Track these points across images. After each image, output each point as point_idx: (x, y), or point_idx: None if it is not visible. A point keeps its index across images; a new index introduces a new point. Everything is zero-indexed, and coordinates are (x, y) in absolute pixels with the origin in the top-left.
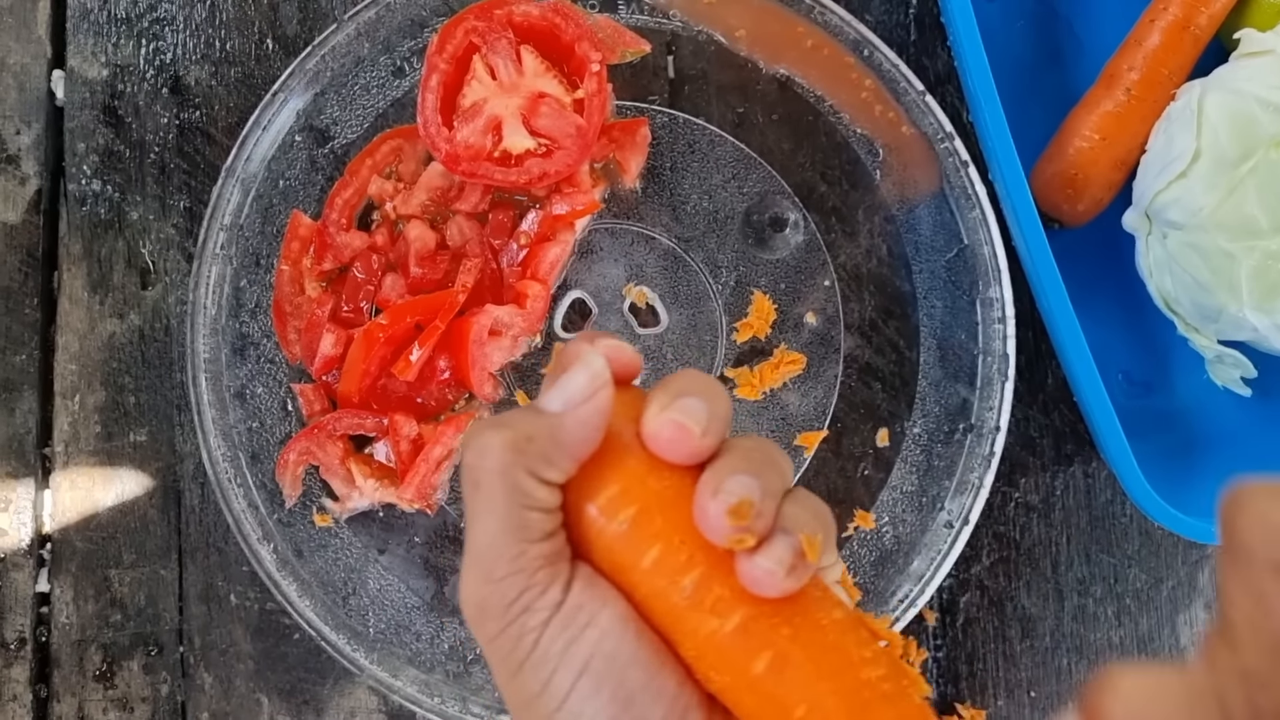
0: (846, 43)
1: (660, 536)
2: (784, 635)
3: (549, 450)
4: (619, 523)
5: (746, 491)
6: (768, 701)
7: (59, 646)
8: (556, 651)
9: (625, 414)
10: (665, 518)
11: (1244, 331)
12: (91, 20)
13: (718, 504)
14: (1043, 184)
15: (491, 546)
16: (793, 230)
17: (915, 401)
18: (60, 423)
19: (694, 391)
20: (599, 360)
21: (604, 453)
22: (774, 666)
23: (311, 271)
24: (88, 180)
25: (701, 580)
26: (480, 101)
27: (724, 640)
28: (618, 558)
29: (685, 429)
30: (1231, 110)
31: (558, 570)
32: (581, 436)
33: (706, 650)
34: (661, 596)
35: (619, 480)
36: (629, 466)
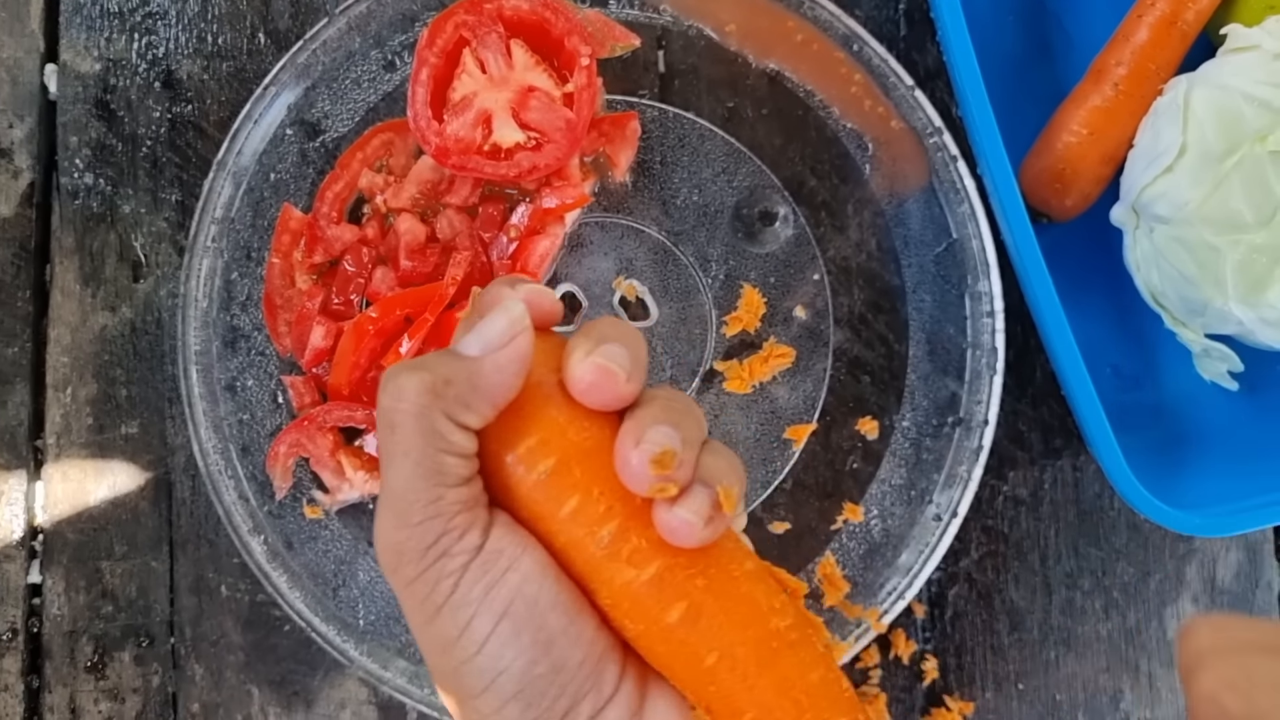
0: (836, 37)
1: (578, 487)
2: (698, 586)
3: (466, 395)
4: (538, 473)
5: (669, 441)
6: (680, 649)
7: (50, 637)
8: (476, 595)
9: (545, 361)
10: (584, 468)
11: (1230, 325)
12: (84, 14)
13: (640, 453)
14: (1031, 178)
15: (407, 490)
16: (782, 224)
17: (904, 395)
18: (52, 415)
19: (616, 337)
20: (518, 305)
21: (523, 401)
22: (688, 616)
23: (302, 264)
24: (80, 174)
25: (619, 531)
26: (470, 95)
27: (640, 590)
28: (536, 507)
29: (609, 373)
30: (1218, 105)
31: (475, 515)
32: (499, 382)
33: (622, 599)
34: (579, 546)
35: (538, 430)
36: (548, 416)
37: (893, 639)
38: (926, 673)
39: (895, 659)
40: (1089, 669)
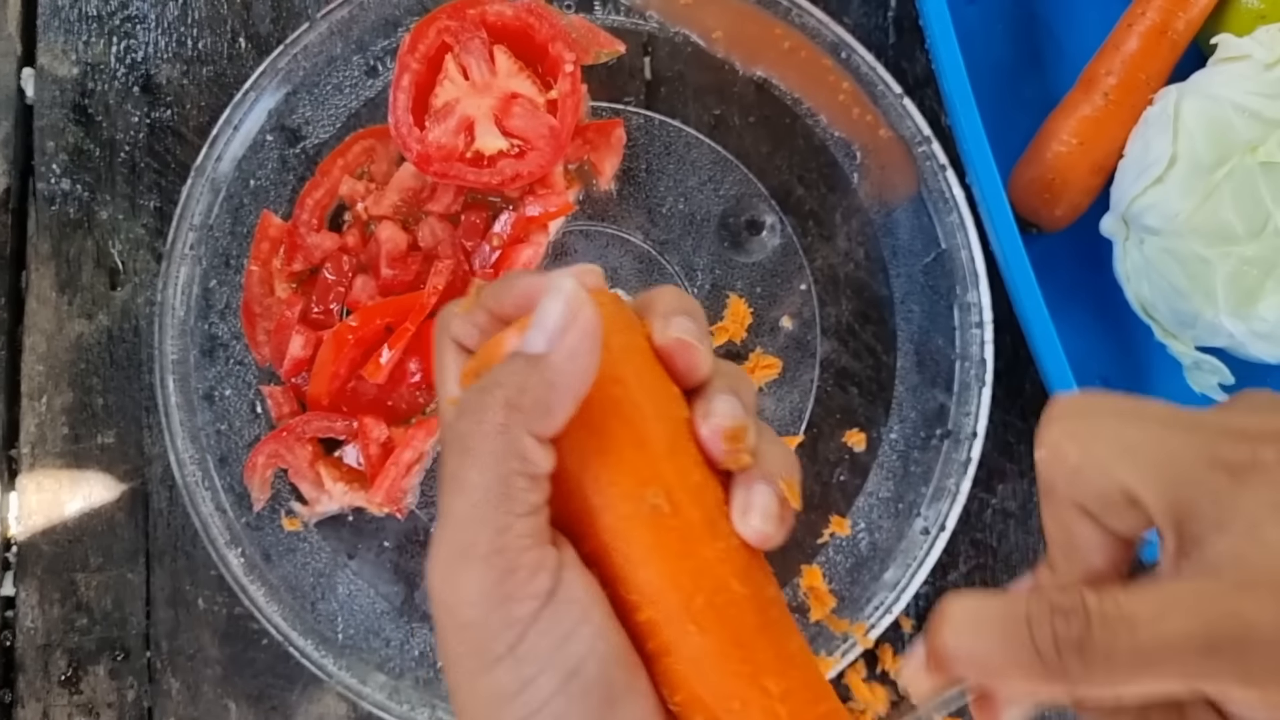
0: (824, 45)
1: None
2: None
3: (546, 398)
4: (639, 505)
5: (737, 414)
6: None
7: (24, 651)
8: (545, 650)
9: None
10: (684, 494)
11: (1220, 337)
12: (62, 18)
13: (712, 428)
14: (1021, 188)
15: (474, 517)
16: (769, 233)
17: (892, 407)
18: (27, 424)
19: (683, 309)
20: (568, 281)
21: (598, 401)
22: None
23: (281, 272)
24: (57, 179)
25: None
26: (453, 101)
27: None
28: (623, 542)
29: (689, 347)
30: (1208, 116)
31: (545, 554)
32: (575, 371)
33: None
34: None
35: (625, 448)
36: (635, 422)
37: (880, 654)
38: None
39: (882, 674)
40: None
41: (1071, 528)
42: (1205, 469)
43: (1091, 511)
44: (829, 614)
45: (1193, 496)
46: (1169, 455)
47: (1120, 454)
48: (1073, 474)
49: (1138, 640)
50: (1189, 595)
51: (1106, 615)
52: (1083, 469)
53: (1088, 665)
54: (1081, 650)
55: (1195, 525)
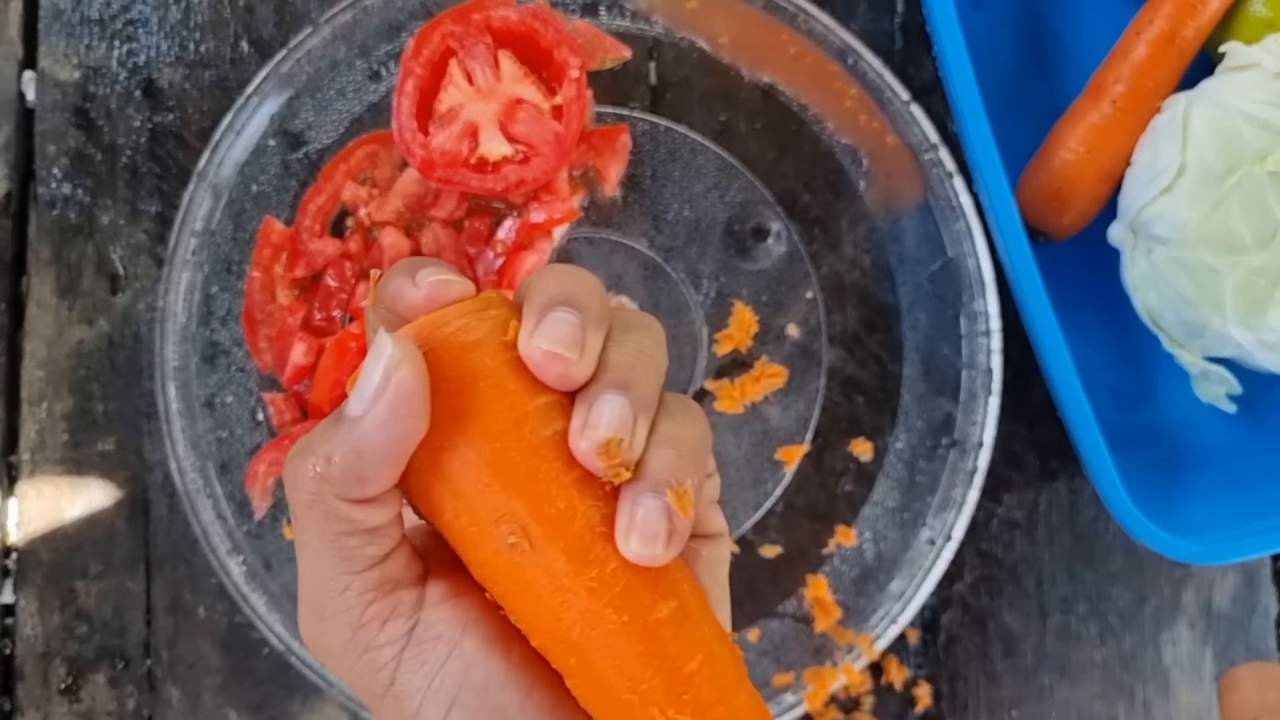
0: (831, 50)
1: (510, 514)
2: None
3: (355, 465)
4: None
5: (618, 425)
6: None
7: (23, 659)
8: (418, 686)
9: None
10: (516, 485)
11: (1229, 348)
12: (64, 21)
13: (586, 442)
14: (1028, 196)
15: (314, 583)
16: (775, 240)
17: (898, 416)
18: (27, 430)
19: (565, 297)
20: (386, 342)
21: (447, 420)
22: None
23: (283, 279)
24: (58, 183)
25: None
26: (457, 107)
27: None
28: (464, 547)
29: (557, 358)
30: (1217, 124)
31: (396, 599)
32: (389, 437)
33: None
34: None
35: (462, 472)
36: (475, 443)
37: (885, 665)
38: (919, 699)
39: (887, 685)
40: (1084, 695)
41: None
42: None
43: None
44: (834, 624)
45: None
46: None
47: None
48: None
49: None
50: None
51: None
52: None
53: None
54: None
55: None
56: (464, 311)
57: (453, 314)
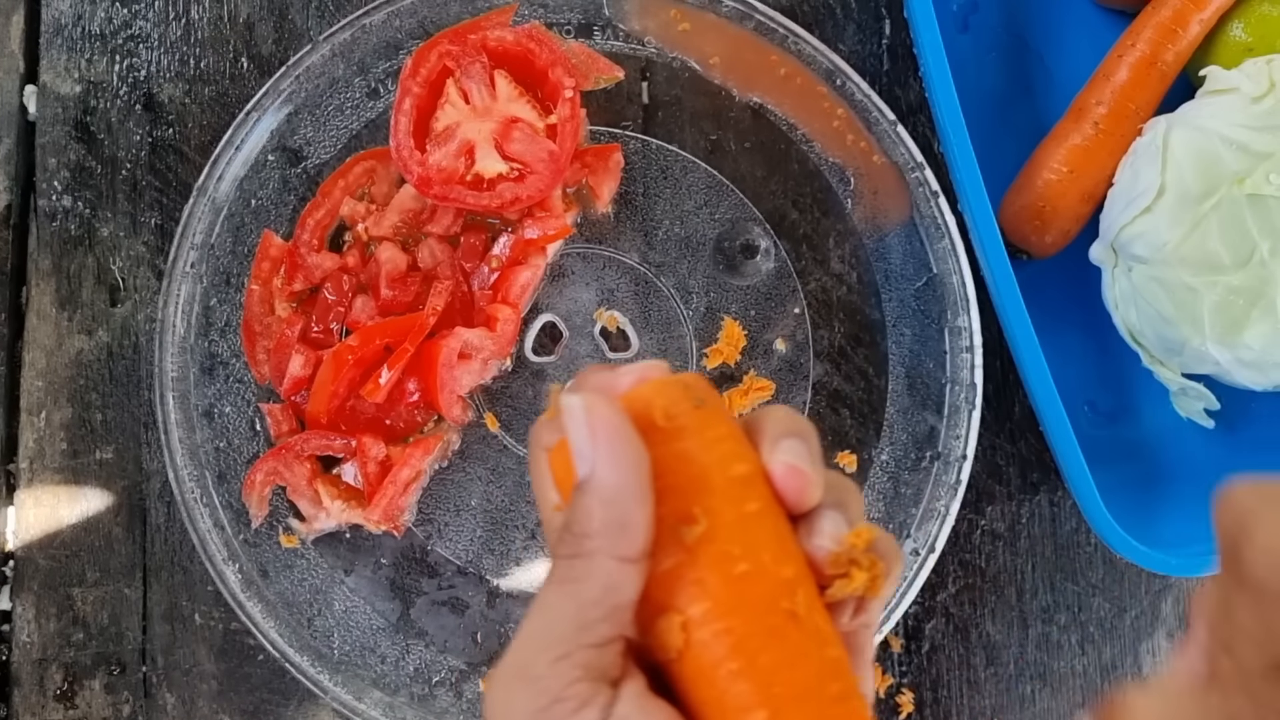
0: (819, 72)
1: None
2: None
3: (609, 514)
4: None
5: (842, 530)
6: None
7: (19, 665)
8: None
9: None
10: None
11: (1207, 365)
12: (65, 35)
13: (821, 543)
14: (1011, 215)
15: (540, 639)
16: (764, 257)
17: (883, 429)
18: (26, 439)
19: (796, 431)
20: (571, 400)
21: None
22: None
23: (282, 292)
24: (58, 196)
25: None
26: (453, 125)
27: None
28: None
29: (800, 474)
30: (1196, 147)
31: (598, 689)
32: (621, 474)
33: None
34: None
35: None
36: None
37: None
38: (902, 706)
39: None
40: (1064, 704)
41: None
42: None
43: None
44: None
45: None
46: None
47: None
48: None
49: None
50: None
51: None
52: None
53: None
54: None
55: None
56: (671, 384)
57: (663, 385)
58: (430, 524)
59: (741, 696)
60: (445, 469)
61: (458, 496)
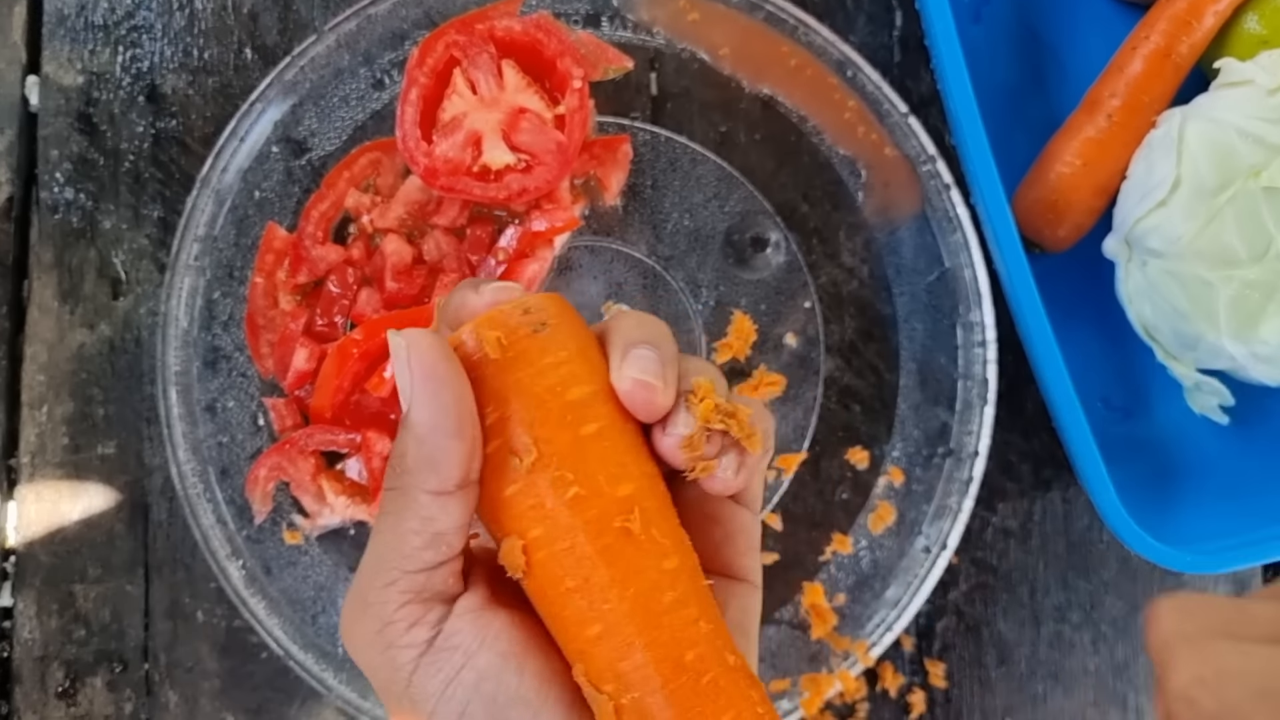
0: (830, 63)
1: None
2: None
3: (421, 452)
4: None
5: (690, 430)
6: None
7: (20, 662)
8: (434, 691)
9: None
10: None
11: (1222, 360)
12: (68, 26)
13: (671, 443)
14: (1025, 208)
15: (368, 572)
16: (774, 250)
17: (895, 425)
18: (27, 434)
19: (644, 338)
20: (394, 339)
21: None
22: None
23: (286, 284)
24: (60, 188)
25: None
26: (460, 116)
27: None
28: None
29: (648, 387)
30: (1211, 139)
31: (429, 608)
32: (433, 412)
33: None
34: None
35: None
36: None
37: (880, 672)
38: (914, 706)
39: (883, 692)
40: (1077, 703)
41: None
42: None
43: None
44: (831, 631)
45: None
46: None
47: (1256, 698)
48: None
49: None
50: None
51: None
52: (1220, 717)
53: None
54: None
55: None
56: (509, 310)
57: (499, 314)
58: None
59: (579, 612)
60: None
61: None
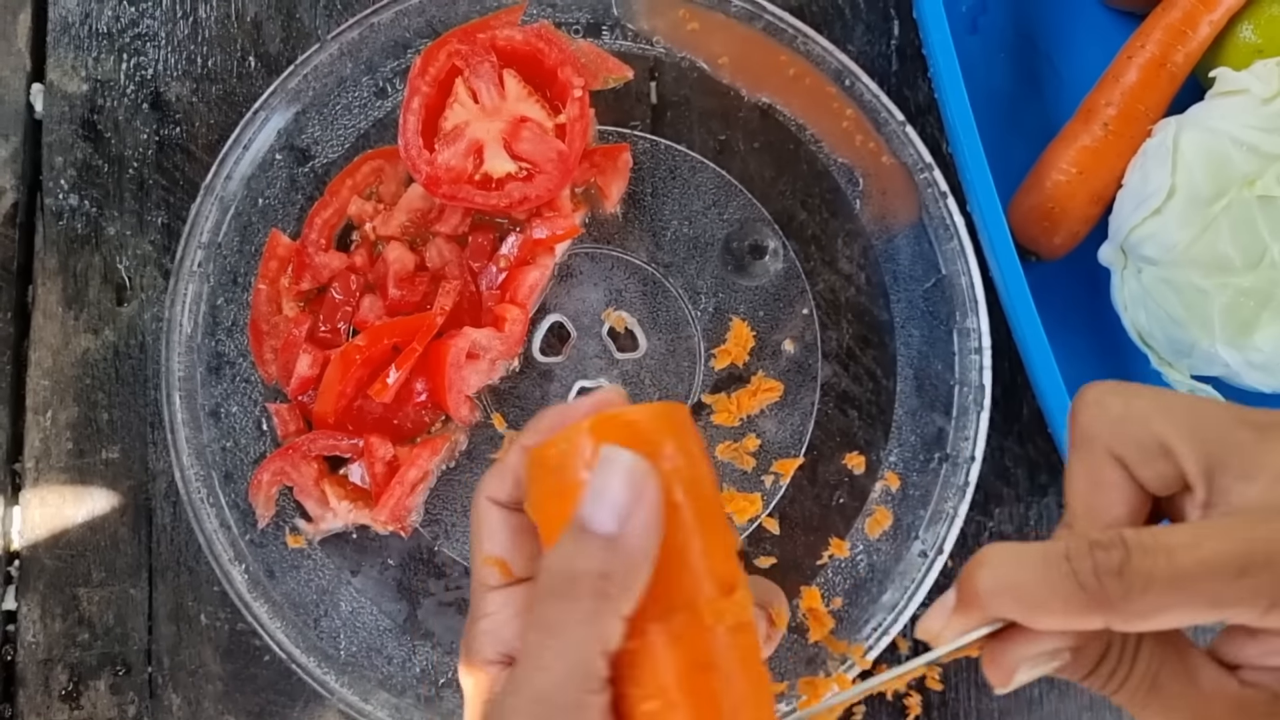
0: (828, 72)
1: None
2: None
3: (626, 579)
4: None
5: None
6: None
7: (25, 665)
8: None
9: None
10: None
11: (1216, 367)
12: (72, 34)
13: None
14: (1020, 216)
15: (554, 697)
16: (772, 258)
17: (891, 430)
18: (31, 439)
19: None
20: (625, 455)
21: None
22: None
23: (289, 291)
24: (65, 194)
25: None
26: (462, 124)
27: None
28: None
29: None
30: (1206, 148)
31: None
32: (648, 548)
33: None
34: None
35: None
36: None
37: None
38: (910, 709)
39: (879, 696)
40: (1072, 707)
41: (1103, 476)
42: (1234, 426)
43: (1126, 460)
44: (827, 635)
45: (1222, 451)
46: (1202, 414)
47: (1159, 409)
48: (1115, 423)
49: (1176, 564)
50: (1222, 526)
51: (1144, 544)
52: (1125, 419)
53: (1128, 591)
54: (1122, 576)
55: (1225, 477)
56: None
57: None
58: (437, 524)
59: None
60: (452, 469)
61: (465, 497)
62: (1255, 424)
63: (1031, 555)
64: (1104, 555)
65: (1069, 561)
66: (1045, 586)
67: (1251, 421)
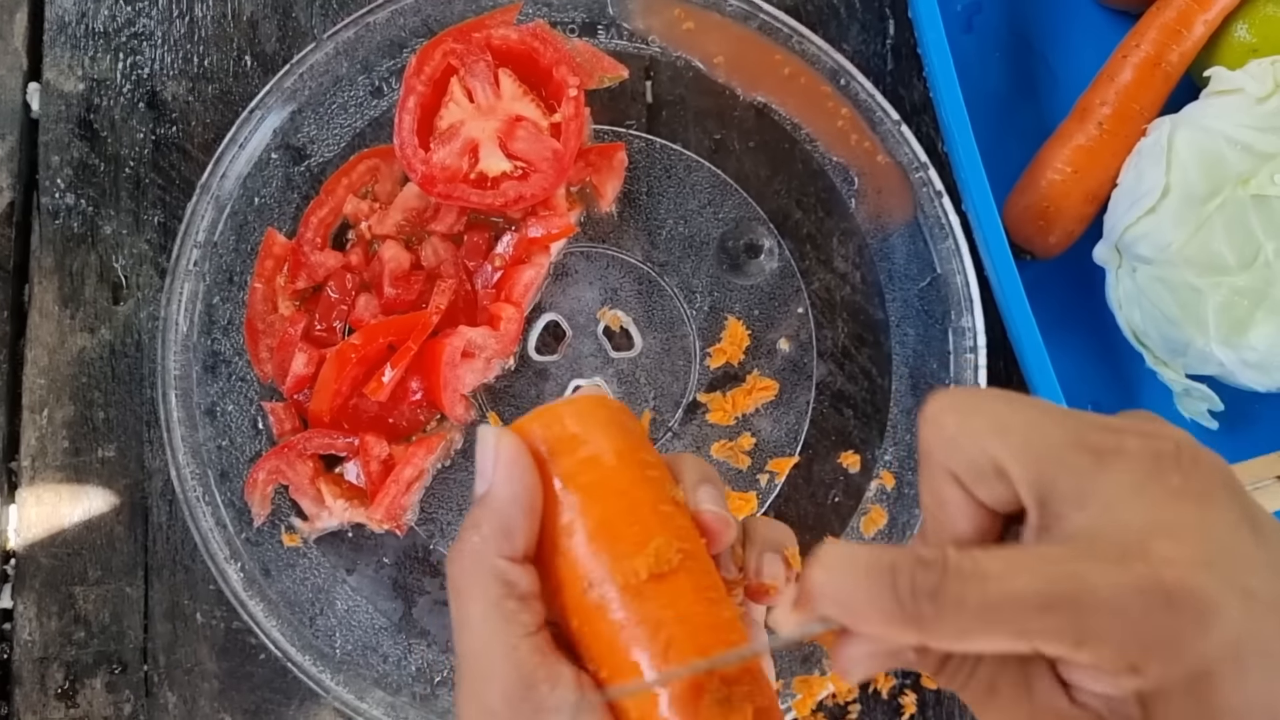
0: (824, 71)
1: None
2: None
3: (498, 522)
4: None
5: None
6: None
7: (20, 664)
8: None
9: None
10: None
11: (1211, 366)
12: (69, 33)
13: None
14: (1015, 215)
15: (477, 654)
16: (767, 257)
17: (886, 429)
18: (27, 437)
19: (710, 478)
20: (484, 428)
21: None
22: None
23: (285, 290)
24: (61, 194)
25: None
26: (457, 123)
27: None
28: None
29: (726, 523)
30: (1201, 147)
31: (558, 669)
32: (513, 493)
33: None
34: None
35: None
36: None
37: None
38: (905, 707)
39: (874, 693)
40: None
41: (942, 494)
42: (1071, 450)
43: (962, 480)
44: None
45: (1057, 475)
46: (1039, 435)
47: (994, 429)
48: (948, 443)
49: (986, 593)
50: (1036, 557)
51: (962, 569)
52: (958, 439)
53: (938, 613)
54: (934, 598)
55: (1057, 502)
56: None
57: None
58: (433, 523)
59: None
60: (448, 468)
61: (460, 495)
62: (1094, 449)
63: (860, 562)
64: (923, 575)
65: (892, 574)
66: (865, 597)
67: (1091, 446)
